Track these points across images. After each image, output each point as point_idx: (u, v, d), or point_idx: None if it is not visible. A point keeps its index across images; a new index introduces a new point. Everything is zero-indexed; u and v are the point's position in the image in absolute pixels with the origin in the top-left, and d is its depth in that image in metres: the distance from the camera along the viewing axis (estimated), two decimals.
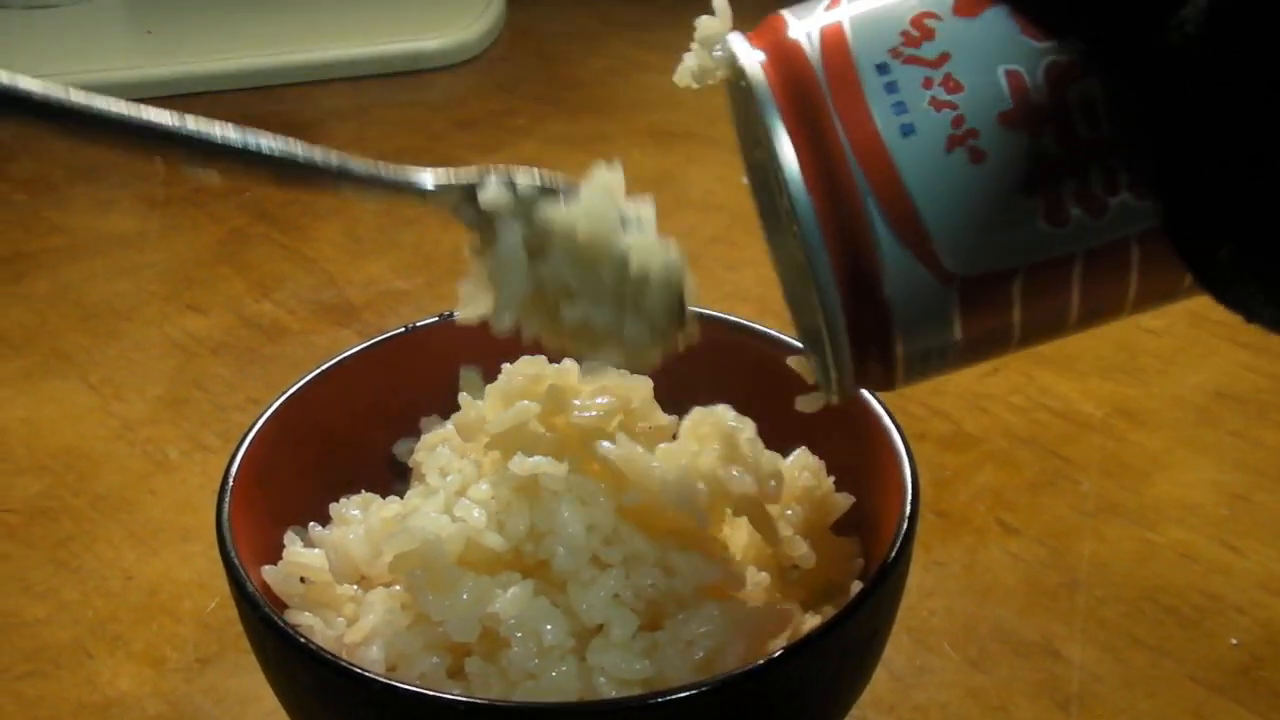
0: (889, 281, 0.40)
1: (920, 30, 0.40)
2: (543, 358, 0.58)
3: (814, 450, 0.60)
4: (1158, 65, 0.34)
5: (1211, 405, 0.85)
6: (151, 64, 1.44)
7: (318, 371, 0.62)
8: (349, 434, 0.63)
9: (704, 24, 0.45)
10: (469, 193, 0.49)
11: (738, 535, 0.58)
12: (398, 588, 0.54)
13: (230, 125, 0.46)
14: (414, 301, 1.01)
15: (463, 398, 0.59)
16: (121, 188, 1.23)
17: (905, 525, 0.53)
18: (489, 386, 0.59)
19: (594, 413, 0.54)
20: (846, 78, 0.40)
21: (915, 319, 0.41)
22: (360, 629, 0.53)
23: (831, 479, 0.60)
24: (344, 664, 0.47)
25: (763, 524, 0.56)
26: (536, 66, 1.50)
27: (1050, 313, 0.42)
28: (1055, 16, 0.39)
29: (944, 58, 0.39)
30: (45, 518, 0.79)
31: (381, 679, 0.47)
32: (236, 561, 0.52)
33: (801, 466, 0.60)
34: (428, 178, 0.49)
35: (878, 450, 0.58)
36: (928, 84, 0.39)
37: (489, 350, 0.64)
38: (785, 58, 0.41)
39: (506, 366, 0.58)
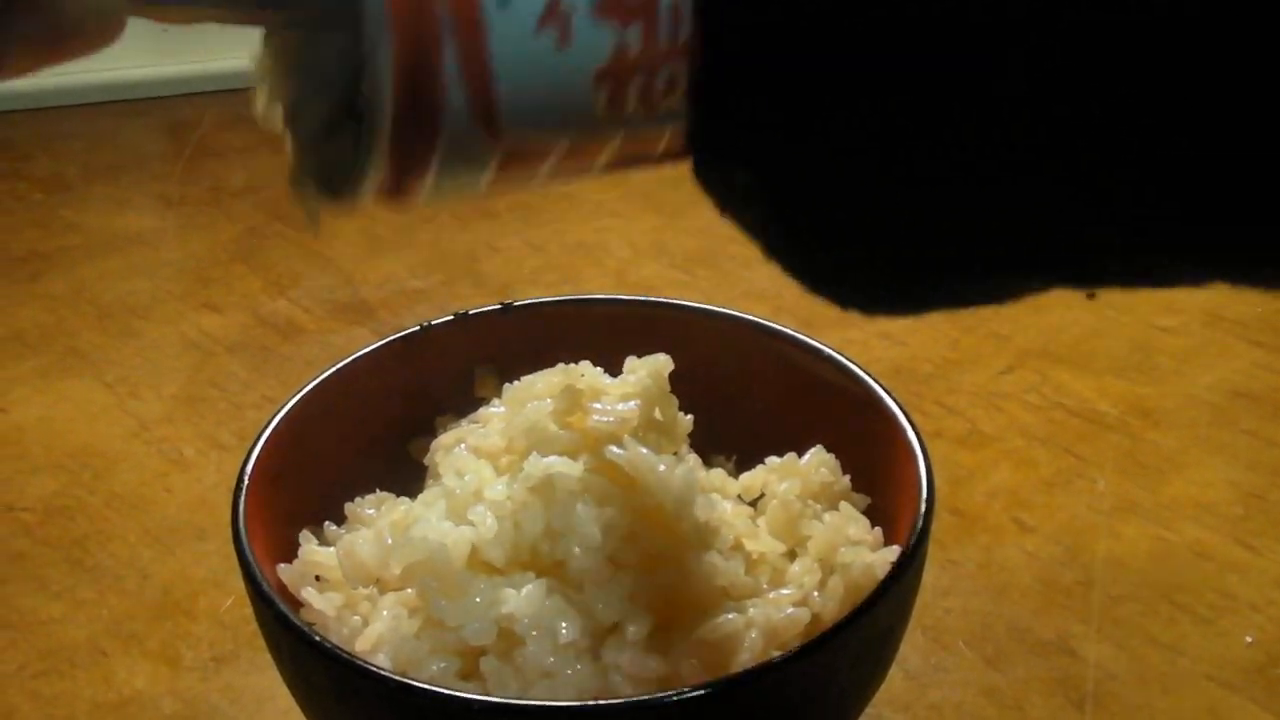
0: (444, 135, 0.39)
1: None
2: (562, 366, 0.58)
3: (829, 449, 0.60)
4: None
5: (1227, 404, 0.85)
6: (166, 62, 1.44)
7: (333, 370, 0.62)
8: (364, 432, 0.63)
9: None
10: None
11: (759, 536, 0.58)
12: (410, 590, 0.54)
13: None
14: (430, 300, 1.01)
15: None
16: (137, 187, 1.24)
17: (921, 523, 0.53)
18: (506, 387, 0.59)
19: (611, 419, 0.54)
20: None
21: (455, 161, 0.41)
22: (368, 637, 0.53)
23: (847, 478, 0.60)
24: (360, 663, 0.47)
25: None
26: None
27: (571, 172, 0.42)
28: None
29: None
30: (61, 516, 0.79)
31: (397, 677, 0.47)
32: (252, 560, 0.52)
33: (819, 464, 0.60)
34: None
35: (893, 449, 0.58)
36: None
37: (505, 349, 0.64)
38: None
39: (528, 376, 0.58)
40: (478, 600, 0.51)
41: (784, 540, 0.57)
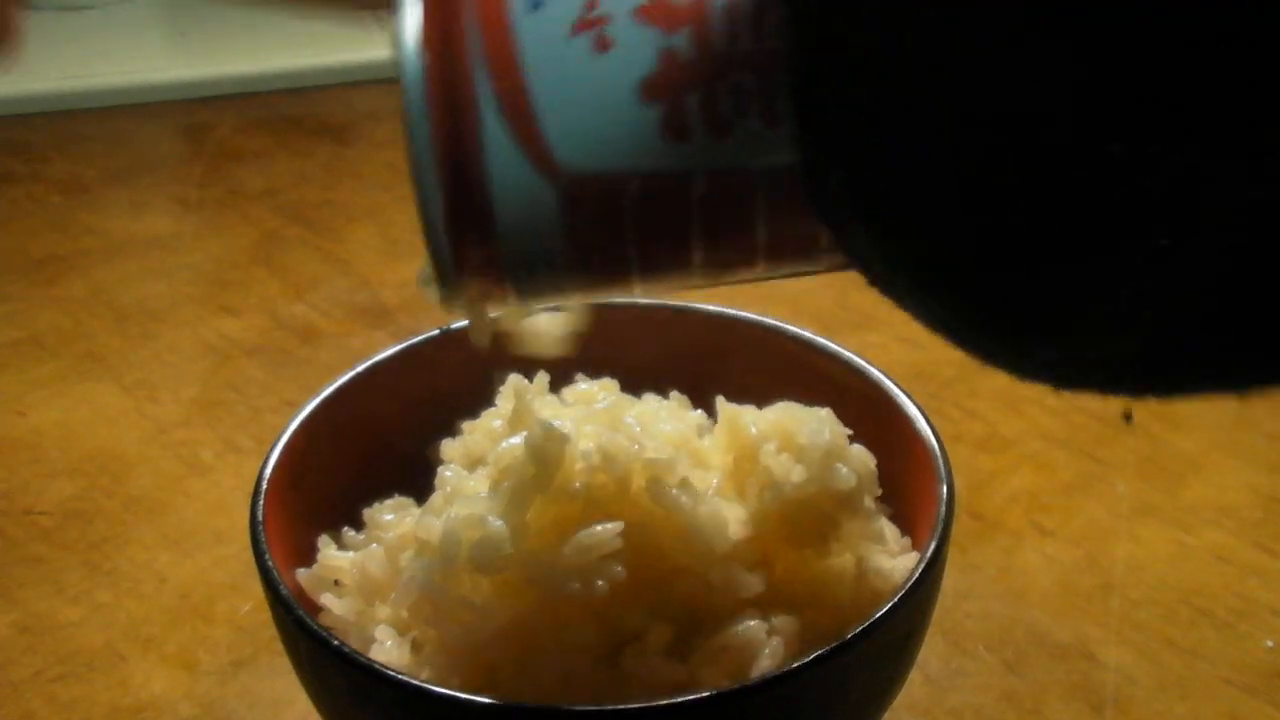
0: (491, 164, 0.37)
1: None
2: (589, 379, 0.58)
3: None
4: None
5: (1247, 408, 0.85)
6: (185, 66, 1.44)
7: (352, 374, 0.62)
8: (383, 436, 0.63)
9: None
10: None
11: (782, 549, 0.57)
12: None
13: None
14: None
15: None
16: (155, 190, 1.24)
17: (941, 528, 0.52)
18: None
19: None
20: None
21: (517, 212, 0.37)
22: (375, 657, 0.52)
23: None
24: (378, 667, 0.47)
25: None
26: None
27: (666, 239, 0.38)
28: None
29: None
30: (79, 520, 0.80)
31: (415, 682, 0.47)
32: (270, 564, 0.52)
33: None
34: None
35: (913, 452, 0.57)
36: None
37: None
38: None
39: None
40: (490, 624, 0.50)
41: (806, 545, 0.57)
